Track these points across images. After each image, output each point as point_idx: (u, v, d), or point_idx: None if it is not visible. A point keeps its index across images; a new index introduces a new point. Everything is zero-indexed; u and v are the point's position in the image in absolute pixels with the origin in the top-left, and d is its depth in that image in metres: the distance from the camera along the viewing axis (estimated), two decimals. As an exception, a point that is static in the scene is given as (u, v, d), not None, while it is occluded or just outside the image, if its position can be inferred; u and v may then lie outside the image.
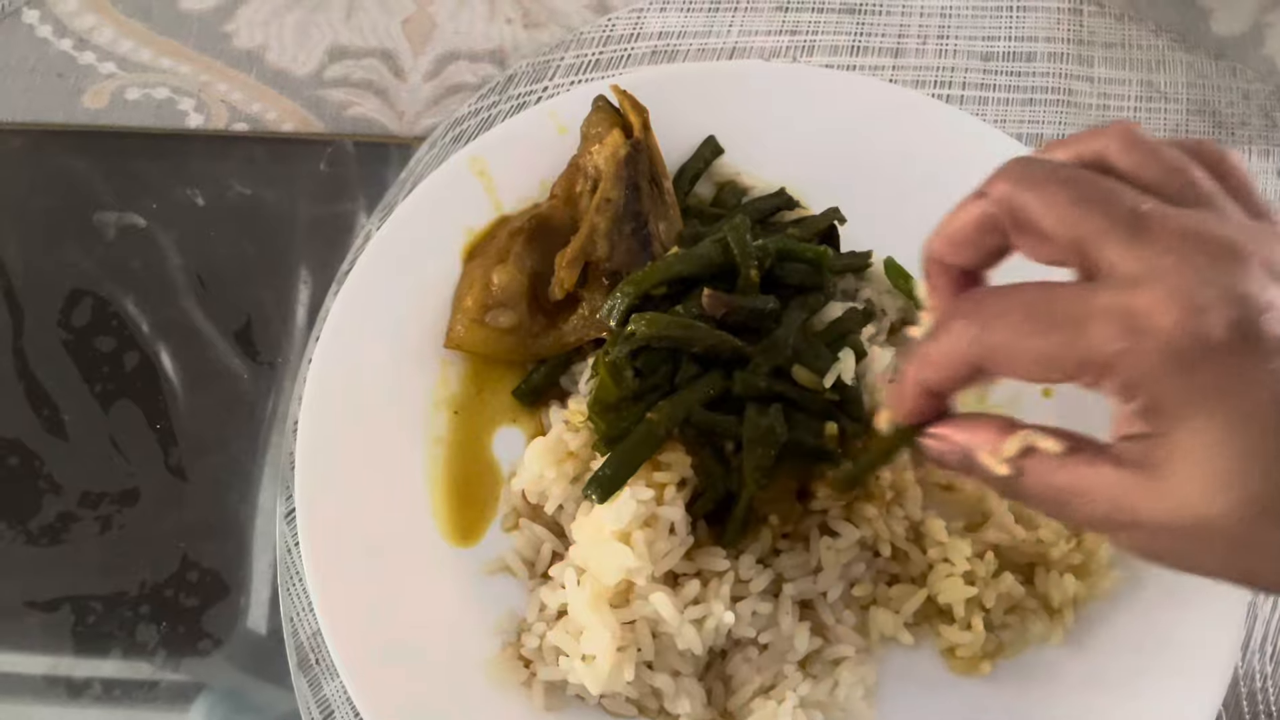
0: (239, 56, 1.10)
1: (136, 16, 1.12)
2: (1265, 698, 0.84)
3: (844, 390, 0.79)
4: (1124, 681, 0.77)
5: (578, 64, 1.05)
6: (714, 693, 0.78)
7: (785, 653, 0.77)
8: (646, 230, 0.86)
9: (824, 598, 0.79)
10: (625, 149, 0.87)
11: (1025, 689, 0.78)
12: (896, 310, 0.90)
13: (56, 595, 0.88)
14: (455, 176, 0.90)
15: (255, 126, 1.06)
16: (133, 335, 0.97)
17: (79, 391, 0.94)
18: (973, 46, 1.08)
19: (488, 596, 0.80)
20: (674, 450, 0.76)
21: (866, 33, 1.08)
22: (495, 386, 0.87)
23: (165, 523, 0.90)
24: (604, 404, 0.77)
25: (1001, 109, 1.05)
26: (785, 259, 0.83)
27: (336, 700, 0.82)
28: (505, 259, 0.87)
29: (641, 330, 0.76)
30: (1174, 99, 1.06)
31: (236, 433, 0.93)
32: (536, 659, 0.77)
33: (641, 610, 0.73)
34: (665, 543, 0.74)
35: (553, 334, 0.87)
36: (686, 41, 1.07)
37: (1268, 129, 1.05)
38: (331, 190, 1.03)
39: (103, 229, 1.01)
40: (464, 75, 1.09)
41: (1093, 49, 1.09)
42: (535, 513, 0.83)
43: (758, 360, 0.78)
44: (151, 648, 0.87)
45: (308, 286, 0.99)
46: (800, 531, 0.79)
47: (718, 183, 0.95)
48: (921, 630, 0.80)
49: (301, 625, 0.84)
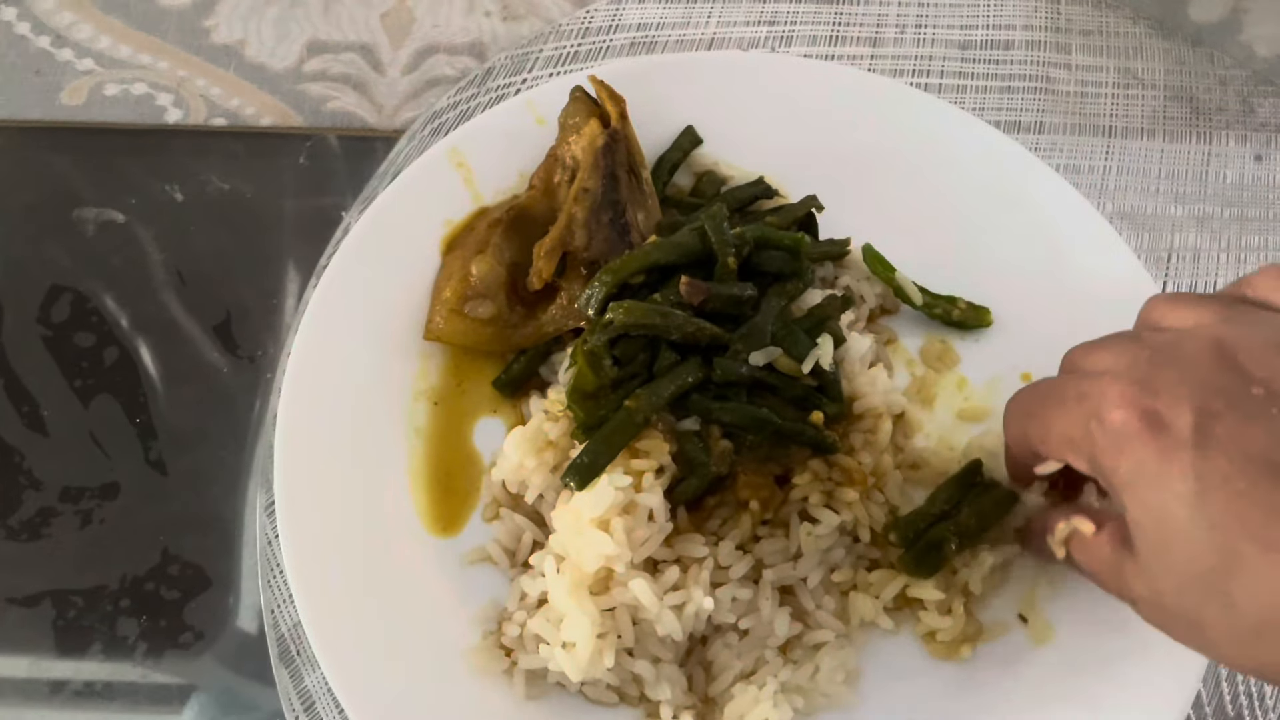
0: (217, 51, 1.10)
1: (114, 13, 1.12)
2: (1245, 678, 0.84)
3: (823, 376, 0.80)
4: (1103, 662, 0.77)
5: (556, 56, 1.05)
6: (695, 679, 0.78)
7: (765, 638, 0.77)
8: (624, 219, 0.86)
9: (804, 583, 0.79)
10: (603, 138, 0.87)
11: (1005, 671, 0.78)
12: (875, 297, 0.90)
13: (37, 590, 0.88)
14: (434, 168, 0.90)
15: (234, 121, 1.06)
16: (112, 331, 0.96)
17: (59, 387, 0.94)
18: (951, 35, 1.08)
19: (469, 586, 0.80)
20: (652, 437, 0.76)
21: (845, 22, 1.09)
22: (475, 377, 0.87)
23: (145, 517, 0.90)
24: (582, 392, 0.77)
25: (980, 97, 1.05)
26: (763, 247, 0.83)
27: (317, 691, 0.82)
28: (484, 250, 0.87)
29: (619, 318, 0.77)
30: (1151, 85, 1.07)
31: (217, 427, 0.93)
32: (517, 647, 0.77)
33: (621, 597, 0.74)
34: (644, 529, 0.74)
35: (532, 324, 0.87)
36: (665, 33, 1.07)
37: (1245, 114, 1.05)
38: (311, 184, 1.03)
39: (82, 225, 1.01)
40: (443, 68, 1.09)
41: (1070, 36, 1.09)
42: (516, 502, 0.83)
43: (736, 347, 0.78)
44: (132, 641, 0.86)
45: (287, 281, 0.99)
46: (780, 517, 0.79)
47: (696, 172, 0.95)
48: (901, 615, 0.80)
49: (282, 617, 0.84)
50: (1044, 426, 0.65)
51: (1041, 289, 0.90)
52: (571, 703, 0.77)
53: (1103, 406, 0.59)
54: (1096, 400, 0.60)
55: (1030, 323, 0.89)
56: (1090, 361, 0.65)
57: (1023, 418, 0.69)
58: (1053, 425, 0.64)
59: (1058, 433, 0.64)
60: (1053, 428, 0.64)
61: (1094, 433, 0.60)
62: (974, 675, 0.79)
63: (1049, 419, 0.65)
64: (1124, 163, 1.03)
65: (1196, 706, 0.83)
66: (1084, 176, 1.02)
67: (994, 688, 0.78)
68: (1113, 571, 0.64)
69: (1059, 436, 0.64)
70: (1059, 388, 0.65)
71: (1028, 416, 0.68)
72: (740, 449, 0.78)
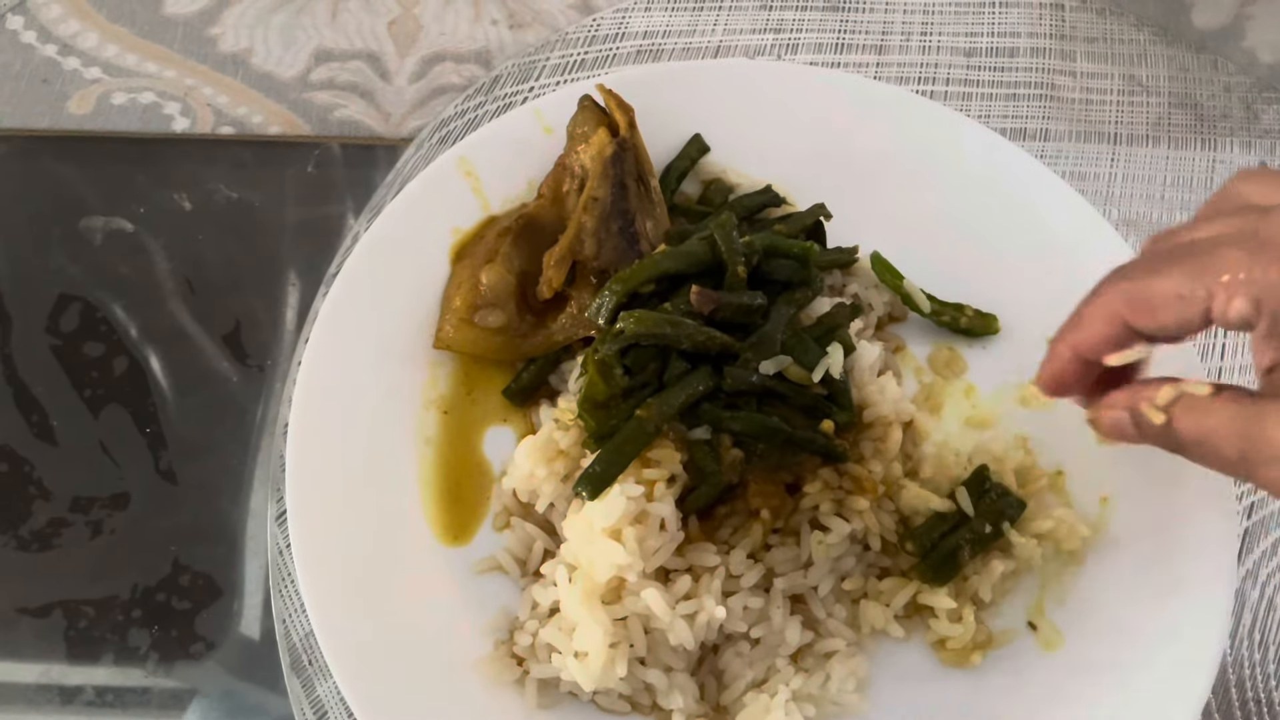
0: (224, 60, 1.10)
1: (121, 21, 1.12)
2: (1254, 685, 0.85)
3: (832, 384, 0.80)
4: (1113, 670, 0.77)
5: (563, 64, 1.06)
6: (706, 687, 0.78)
7: (777, 647, 0.78)
8: (634, 228, 0.86)
9: (815, 592, 0.79)
10: (611, 148, 0.87)
11: (1014, 679, 0.78)
12: (883, 304, 0.91)
13: (48, 601, 0.88)
14: (442, 177, 0.91)
15: (241, 130, 1.06)
16: (121, 340, 0.97)
17: (68, 397, 0.94)
18: (956, 43, 1.09)
19: (480, 595, 0.80)
20: (663, 447, 0.77)
21: (850, 30, 1.09)
22: (485, 386, 0.87)
23: (156, 527, 0.90)
24: (593, 402, 0.77)
25: (985, 104, 1.06)
26: (772, 255, 0.83)
27: (330, 701, 0.82)
28: (493, 259, 0.87)
29: (630, 328, 0.77)
30: (1156, 92, 1.07)
31: (227, 436, 0.93)
32: (529, 657, 0.77)
33: (633, 606, 0.74)
34: (656, 539, 0.74)
35: (541, 333, 0.87)
36: (671, 40, 1.08)
37: (1249, 121, 1.06)
38: (319, 193, 1.03)
39: (90, 234, 1.01)
40: (450, 76, 1.09)
41: (1075, 43, 1.09)
42: (526, 511, 0.83)
43: (747, 356, 0.78)
44: (144, 652, 0.87)
45: (296, 289, 0.99)
46: (791, 526, 0.80)
47: (704, 180, 0.96)
48: (912, 623, 0.80)
49: (294, 627, 0.84)
50: (1181, 280, 0.60)
51: (1048, 295, 0.89)
52: (584, 712, 0.77)
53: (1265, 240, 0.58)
54: (1266, 236, 0.58)
55: (1037, 329, 0.89)
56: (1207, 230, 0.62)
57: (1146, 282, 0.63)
58: (1196, 274, 0.60)
59: (1207, 278, 0.59)
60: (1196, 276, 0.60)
61: (1268, 264, 0.57)
62: (983, 682, 0.79)
63: (1190, 269, 0.60)
64: (1129, 169, 1.03)
65: (1206, 714, 0.83)
66: (1089, 183, 1.02)
67: (1003, 695, 0.78)
68: (1244, 430, 0.60)
69: (1207, 282, 0.59)
70: (1196, 248, 0.61)
71: (1156, 280, 0.62)
72: (751, 458, 0.78)
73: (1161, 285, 0.61)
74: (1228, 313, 0.59)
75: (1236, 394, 0.61)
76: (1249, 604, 0.87)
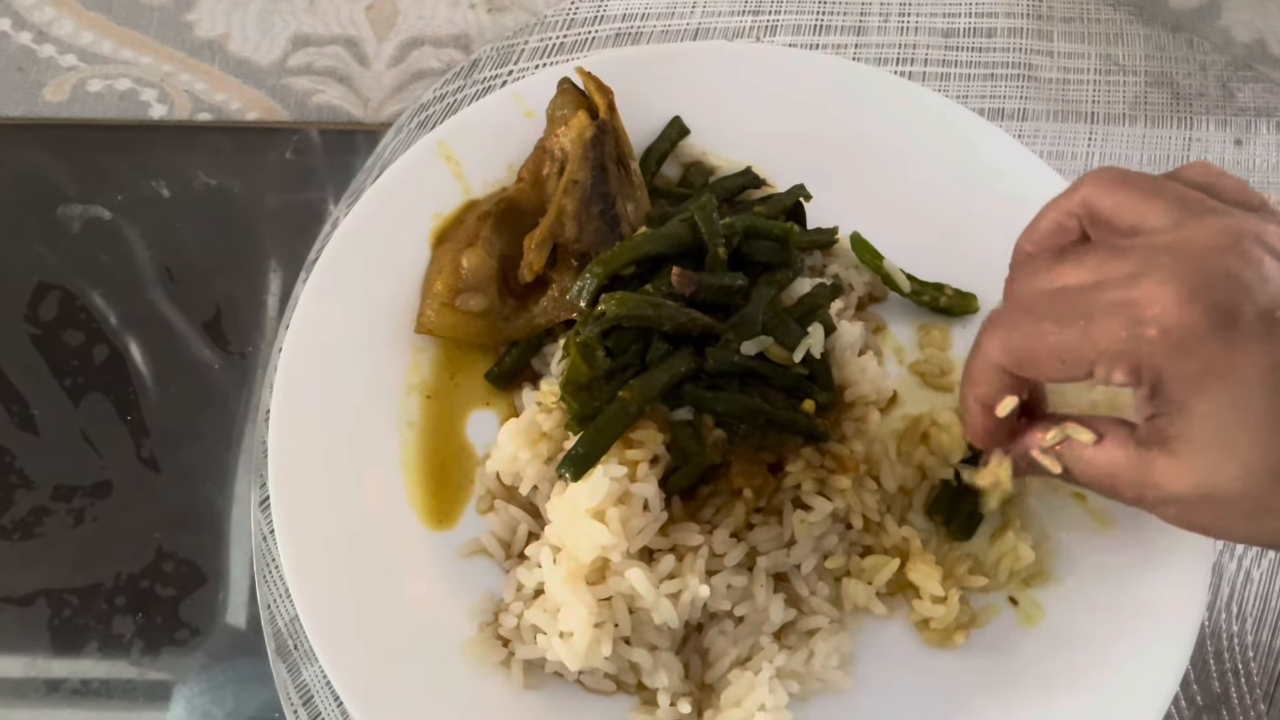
0: (201, 46, 1.09)
1: (97, 8, 1.11)
2: (1232, 656, 0.86)
3: (814, 364, 0.80)
4: (1094, 646, 0.78)
5: (542, 48, 1.05)
6: (691, 666, 0.78)
7: (760, 625, 0.78)
8: (614, 211, 0.87)
9: (798, 570, 0.79)
10: (591, 130, 0.87)
11: (996, 653, 0.79)
12: (863, 285, 0.91)
13: (31, 590, 0.88)
14: (422, 161, 0.90)
15: (219, 116, 1.06)
16: (101, 328, 0.96)
17: (48, 385, 0.94)
18: (934, 23, 1.09)
19: (465, 578, 0.81)
20: (646, 428, 0.77)
21: (829, 11, 1.09)
22: (467, 370, 0.87)
23: (139, 514, 0.90)
24: (576, 384, 0.78)
25: (963, 84, 1.06)
26: (752, 236, 0.84)
27: (315, 685, 0.82)
28: (474, 243, 0.87)
29: (611, 310, 0.77)
30: (1132, 71, 1.08)
31: (209, 423, 0.93)
32: (514, 638, 0.78)
33: (618, 586, 0.74)
34: (639, 519, 0.75)
35: (523, 316, 0.87)
36: (650, 23, 1.08)
37: (1224, 99, 1.07)
38: (298, 179, 1.03)
39: (67, 222, 1.01)
40: (428, 61, 1.09)
41: (1052, 23, 1.10)
42: (510, 494, 0.83)
43: (728, 337, 0.79)
44: (128, 640, 0.86)
45: (277, 276, 0.99)
46: (773, 505, 0.80)
47: (684, 163, 0.96)
48: (894, 600, 0.81)
49: (279, 612, 0.84)
50: (1062, 347, 0.61)
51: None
52: (569, 692, 0.78)
53: (1155, 309, 0.58)
54: (1143, 306, 0.58)
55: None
56: (1078, 275, 0.63)
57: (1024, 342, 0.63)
58: (1076, 343, 0.61)
59: (1087, 348, 0.60)
60: (1077, 346, 0.61)
61: (1145, 338, 0.58)
62: (966, 658, 0.80)
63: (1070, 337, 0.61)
64: (1106, 149, 1.04)
65: (1185, 684, 0.84)
66: (1067, 163, 1.02)
67: (986, 670, 0.79)
68: (1133, 475, 0.63)
69: (1088, 352, 0.60)
70: (1070, 304, 0.61)
71: (1034, 339, 0.63)
72: (733, 438, 0.79)
73: (1043, 345, 0.62)
74: (1110, 378, 0.61)
75: (1121, 438, 0.64)
76: (1227, 575, 0.88)
